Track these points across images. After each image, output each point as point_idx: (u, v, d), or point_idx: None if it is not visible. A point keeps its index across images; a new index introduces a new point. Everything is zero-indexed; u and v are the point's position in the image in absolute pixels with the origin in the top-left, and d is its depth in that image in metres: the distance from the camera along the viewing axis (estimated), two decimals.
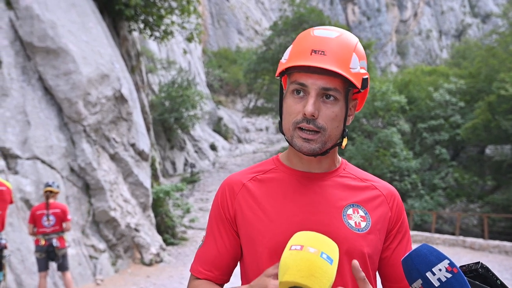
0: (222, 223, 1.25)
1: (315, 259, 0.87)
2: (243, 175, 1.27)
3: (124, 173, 10.04)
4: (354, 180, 1.26)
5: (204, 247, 1.27)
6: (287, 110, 1.16)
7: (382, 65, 76.26)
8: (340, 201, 1.19)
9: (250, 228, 1.19)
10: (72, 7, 9.61)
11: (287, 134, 1.17)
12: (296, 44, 1.17)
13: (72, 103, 8.66)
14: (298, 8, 35.34)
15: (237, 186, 1.25)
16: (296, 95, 1.14)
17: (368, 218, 1.19)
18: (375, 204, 1.22)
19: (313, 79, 1.11)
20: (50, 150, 8.15)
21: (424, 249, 0.98)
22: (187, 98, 23.95)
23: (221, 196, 1.26)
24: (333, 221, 1.16)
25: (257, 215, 1.19)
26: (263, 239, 1.16)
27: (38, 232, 6.07)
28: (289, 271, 0.86)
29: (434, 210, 25.74)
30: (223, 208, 1.25)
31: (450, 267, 0.95)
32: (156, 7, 13.65)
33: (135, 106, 10.83)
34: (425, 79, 35.09)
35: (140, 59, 15.14)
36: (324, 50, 1.11)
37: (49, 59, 8.58)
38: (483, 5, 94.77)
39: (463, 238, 15.99)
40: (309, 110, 1.10)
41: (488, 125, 26.67)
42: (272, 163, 1.29)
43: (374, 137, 28.99)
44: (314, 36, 1.15)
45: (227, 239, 1.24)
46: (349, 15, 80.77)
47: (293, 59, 1.14)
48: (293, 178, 1.22)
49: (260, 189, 1.23)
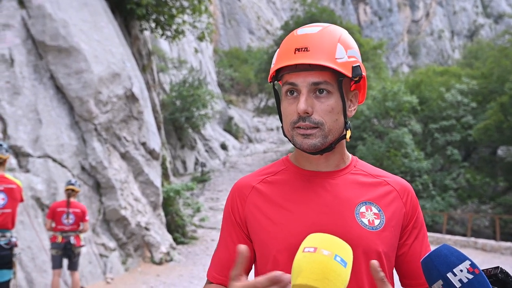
0: (233, 227, 1.24)
1: (329, 261, 0.85)
2: (253, 177, 1.26)
3: (135, 172, 10.05)
4: (365, 176, 1.23)
5: (218, 252, 1.27)
6: (284, 112, 1.17)
7: (394, 65, 75.80)
8: (352, 199, 1.17)
9: (262, 231, 1.17)
10: (84, 6, 9.64)
11: (287, 135, 1.17)
12: (281, 47, 1.18)
13: (83, 102, 8.69)
14: (310, 8, 35.27)
15: (247, 189, 1.24)
16: (289, 96, 1.15)
17: (382, 215, 1.17)
18: (388, 200, 1.20)
19: (302, 76, 1.12)
20: (61, 149, 8.18)
21: (445, 249, 0.96)
22: (198, 97, 23.99)
23: (231, 200, 1.26)
24: (347, 220, 1.13)
25: (269, 217, 1.17)
26: (276, 242, 1.13)
27: (56, 229, 6.14)
28: (302, 273, 0.84)
29: (445, 211, 25.59)
30: (233, 212, 1.24)
31: (472, 268, 0.93)
32: (167, 6, 13.65)
33: (146, 105, 10.84)
34: (437, 80, 34.91)
35: (151, 58, 15.16)
36: (306, 47, 1.11)
37: (60, 57, 8.61)
38: (496, 5, 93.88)
39: (475, 240, 15.90)
40: (301, 107, 1.09)
41: (500, 126, 26.51)
42: (282, 164, 1.28)
43: (385, 138, 28.87)
44: (296, 36, 1.15)
45: (238, 244, 1.17)
46: (361, 15, 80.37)
47: (279, 61, 1.15)
48: (303, 178, 1.20)
49: (270, 191, 1.21)
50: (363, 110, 31.35)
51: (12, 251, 4.90)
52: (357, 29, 38.99)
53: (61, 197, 7.61)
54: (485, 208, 27.55)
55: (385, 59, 55.59)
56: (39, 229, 6.98)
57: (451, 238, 16.81)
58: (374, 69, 38.42)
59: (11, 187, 4.88)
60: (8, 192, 4.84)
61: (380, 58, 38.25)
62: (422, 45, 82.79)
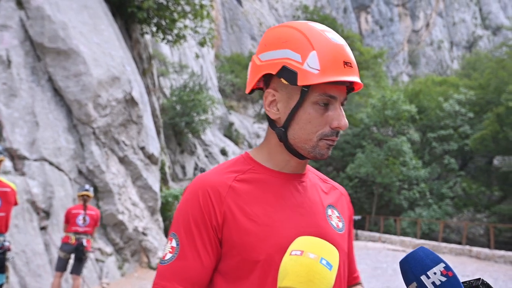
0: (206, 231, 1.08)
1: (315, 264, 0.86)
2: (222, 175, 1.14)
3: (133, 176, 9.96)
4: (320, 180, 1.27)
5: (182, 261, 1.08)
6: (309, 121, 1.10)
7: (394, 74, 76.03)
8: (320, 202, 1.19)
9: (245, 234, 1.08)
10: (84, 8, 9.59)
11: (306, 143, 1.11)
12: (322, 52, 1.07)
13: (81, 105, 8.60)
14: (312, 16, 35.40)
15: (223, 188, 1.10)
16: (322, 106, 1.09)
17: (341, 219, 1.23)
18: (342, 204, 1.27)
19: (340, 90, 1.10)
20: (58, 152, 8.08)
21: (421, 252, 0.98)
22: (198, 102, 23.90)
23: (203, 200, 1.10)
24: (322, 222, 1.15)
25: (252, 219, 1.08)
26: (265, 246, 1.07)
27: (69, 229, 6.16)
28: (288, 276, 0.86)
29: (441, 219, 25.76)
30: (207, 213, 1.09)
31: (445, 270, 0.95)
32: (169, 10, 13.61)
33: (146, 109, 10.77)
34: (436, 89, 35.32)
35: (152, 62, 15.11)
36: (350, 62, 1.09)
37: (59, 60, 8.53)
38: (494, 17, 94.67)
39: (470, 248, 16.10)
40: (345, 123, 1.10)
41: (496, 136, 26.89)
42: (246, 163, 1.18)
43: (384, 146, 29.00)
44: (335, 44, 1.09)
45: (211, 251, 1.09)
46: (362, 24, 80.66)
47: (329, 72, 1.06)
48: (277, 180, 1.16)
49: (249, 191, 1.12)
50: (362, 118, 31.41)
51: (5, 255, 4.81)
52: (358, 38, 39.13)
53: (57, 201, 7.52)
54: (480, 216, 27.79)
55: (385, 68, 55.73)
56: (33, 233, 6.87)
57: (447, 246, 17.01)
58: (374, 78, 38.51)
59: (5, 190, 4.80)
60: (2, 195, 4.76)
61: (380, 67, 38.38)
62: (422, 55, 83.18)
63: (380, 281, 9.94)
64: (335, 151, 33.11)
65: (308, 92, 1.08)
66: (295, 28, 1.11)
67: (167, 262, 1.08)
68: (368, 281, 9.94)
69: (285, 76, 1.07)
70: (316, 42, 1.07)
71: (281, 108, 1.13)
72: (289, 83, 1.07)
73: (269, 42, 1.13)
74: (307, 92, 1.08)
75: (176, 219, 1.12)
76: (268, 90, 1.14)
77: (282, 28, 1.13)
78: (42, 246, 6.79)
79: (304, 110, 1.09)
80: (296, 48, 1.07)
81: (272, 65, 1.10)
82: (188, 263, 1.07)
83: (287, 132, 1.12)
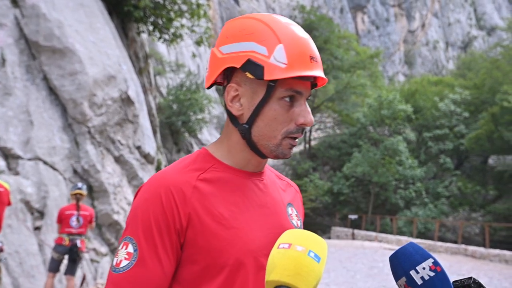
0: (168, 234, 1.00)
1: (302, 257, 0.86)
2: (184, 174, 1.06)
3: (129, 176, 9.89)
4: (277, 178, 1.25)
5: (141, 268, 0.98)
6: (274, 117, 1.05)
7: (390, 74, 76.21)
8: (281, 200, 1.17)
9: (213, 238, 1.01)
10: (80, 7, 9.51)
11: (270, 141, 1.06)
12: (289, 46, 1.03)
13: (77, 104, 8.53)
14: (309, 16, 35.34)
15: (187, 188, 1.03)
16: (287, 102, 1.05)
17: (299, 217, 1.21)
18: (297, 202, 1.25)
19: (306, 86, 1.07)
20: (53, 151, 8.01)
21: (410, 247, 0.99)
22: (195, 101, 23.83)
23: (166, 200, 1.00)
24: (285, 223, 1.13)
25: (219, 222, 1.02)
26: (232, 250, 1.02)
27: (62, 231, 6.11)
28: (275, 270, 0.85)
29: (437, 218, 25.90)
30: (170, 215, 1.00)
31: (434, 265, 0.96)
32: (165, 9, 13.53)
33: (142, 109, 10.70)
34: (431, 89, 35.56)
35: (148, 61, 15.03)
36: (316, 56, 1.06)
37: (54, 58, 8.46)
38: (489, 18, 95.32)
39: (465, 247, 16.28)
40: (311, 119, 1.07)
41: (491, 136, 27.14)
42: (206, 160, 1.11)
43: (380, 145, 29.09)
44: (301, 38, 1.05)
45: (172, 256, 1.01)
46: (359, 24, 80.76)
47: (296, 66, 1.02)
48: (240, 179, 1.11)
49: (214, 191, 1.06)
50: (359, 117, 31.47)
51: None
52: (354, 38, 39.13)
53: (51, 200, 7.44)
54: (475, 216, 27.99)
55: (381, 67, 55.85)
56: (27, 233, 6.80)
57: (443, 245, 17.15)
58: (371, 78, 38.54)
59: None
60: None
61: (376, 67, 38.43)
62: (418, 55, 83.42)
63: (376, 280, 9.92)
64: (331, 151, 33.12)
65: (275, 87, 1.04)
66: (259, 20, 1.06)
67: (122, 270, 0.98)
68: (364, 280, 9.93)
69: (250, 70, 1.02)
70: (282, 35, 1.03)
71: (244, 103, 1.07)
72: (255, 77, 1.02)
73: (232, 34, 1.07)
74: (273, 87, 1.03)
75: (133, 221, 1.02)
76: (231, 84, 1.08)
77: (245, 20, 1.08)
78: (36, 246, 6.72)
79: (270, 106, 1.05)
80: (262, 41, 1.02)
81: (235, 58, 1.04)
82: (148, 271, 0.98)
83: (250, 129, 1.07)
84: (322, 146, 34.22)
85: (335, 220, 28.66)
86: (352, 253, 15.15)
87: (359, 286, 9.27)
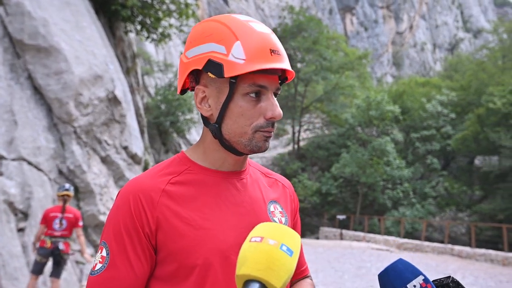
0: (138, 239, 1.03)
1: (274, 251, 0.84)
2: (155, 178, 1.09)
3: (115, 176, 9.80)
4: (262, 175, 1.26)
5: (112, 271, 1.02)
6: (241, 113, 1.07)
7: (378, 75, 76.71)
8: (261, 198, 1.18)
9: (181, 239, 1.04)
10: (66, 5, 9.40)
11: (242, 137, 1.08)
12: (247, 41, 1.05)
13: (62, 104, 8.42)
14: (298, 16, 35.36)
15: (155, 193, 1.06)
16: (253, 97, 1.07)
17: (285, 214, 1.21)
18: (285, 198, 1.25)
19: (271, 79, 1.08)
20: (37, 151, 7.90)
21: (400, 264, 0.99)
22: (183, 101, 23.73)
23: (134, 206, 1.04)
24: (263, 220, 1.12)
25: (188, 223, 1.05)
26: (203, 250, 1.04)
27: (46, 233, 6.02)
28: (246, 263, 0.83)
29: (424, 218, 26.12)
30: (139, 220, 1.03)
31: (425, 283, 0.96)
32: (153, 9, 13.45)
33: (129, 109, 10.61)
34: (419, 90, 35.89)
35: (136, 61, 14.92)
36: (278, 49, 1.07)
37: (39, 57, 8.34)
38: (475, 21, 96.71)
39: (451, 246, 16.49)
40: (279, 113, 1.07)
41: (477, 137, 27.48)
42: (182, 163, 1.14)
43: (368, 146, 29.24)
44: (260, 33, 1.07)
45: (144, 259, 1.04)
46: (348, 25, 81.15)
47: (256, 60, 1.03)
48: (215, 179, 1.13)
49: (184, 194, 1.08)
50: (347, 118, 31.61)
51: None
52: (343, 39, 39.25)
53: (36, 201, 7.34)
54: (462, 215, 28.28)
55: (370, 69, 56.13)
56: (11, 235, 6.69)
57: (430, 245, 17.33)
58: (359, 79, 38.73)
59: None
60: None
61: (365, 68, 38.61)
62: (406, 56, 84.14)
63: (364, 280, 9.94)
64: (320, 151, 33.21)
65: (237, 83, 1.06)
66: (218, 21, 1.09)
67: (97, 272, 1.03)
68: (352, 280, 9.94)
69: (211, 70, 1.05)
70: (239, 32, 1.06)
71: (212, 104, 1.10)
72: (216, 76, 1.04)
73: (194, 38, 1.11)
74: (235, 83, 1.05)
75: (107, 226, 1.07)
76: (198, 87, 1.11)
77: (206, 23, 1.11)
78: (20, 248, 6.61)
79: (235, 103, 1.07)
80: (220, 40, 1.05)
81: (198, 61, 1.07)
82: (119, 273, 1.02)
83: (221, 127, 1.09)
84: (310, 147, 34.28)
85: (324, 220, 28.72)
86: (340, 253, 15.19)
87: (347, 286, 9.28)
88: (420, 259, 14.49)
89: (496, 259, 14.26)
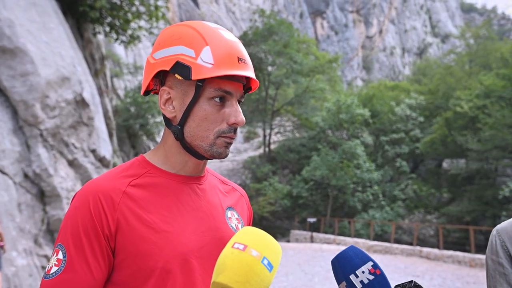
0: (97, 240, 1.01)
1: (255, 264, 0.83)
2: (115, 180, 1.08)
3: (83, 180, 9.63)
4: (219, 182, 1.27)
5: (69, 274, 0.99)
6: (205, 117, 1.09)
7: (348, 78, 77.78)
8: (220, 204, 1.19)
9: (143, 241, 1.03)
10: (32, 6, 9.21)
11: (203, 141, 1.09)
12: (216, 47, 1.07)
13: (28, 106, 8.24)
14: (269, 20, 35.53)
15: (116, 194, 1.05)
16: (218, 102, 1.09)
17: (241, 220, 1.23)
18: (241, 206, 1.28)
19: (236, 86, 1.10)
20: (2, 155, 7.70)
21: (350, 251, 1.00)
22: (153, 104, 23.51)
23: (93, 207, 1.02)
24: (221, 225, 1.15)
25: (149, 226, 1.04)
26: (163, 253, 1.03)
27: None
28: (225, 272, 0.82)
29: (394, 220, 26.49)
30: (98, 221, 1.02)
31: (373, 268, 0.97)
32: (123, 10, 13.30)
33: (97, 111, 10.46)
34: (388, 94, 36.42)
35: (104, 63, 14.72)
36: (245, 58, 1.10)
37: (5, 58, 8.15)
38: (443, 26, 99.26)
39: (420, 248, 16.76)
40: (242, 119, 1.09)
41: (445, 140, 28.03)
42: (141, 166, 1.14)
43: (339, 149, 29.53)
44: (229, 40, 1.10)
45: (102, 262, 1.02)
46: (318, 29, 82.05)
47: (223, 66, 1.06)
48: (175, 183, 1.13)
49: (145, 197, 1.08)
50: (318, 121, 31.90)
51: None
52: (314, 43, 39.62)
53: (0, 206, 7.17)
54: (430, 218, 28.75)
55: (340, 72, 56.84)
56: None
57: (399, 247, 17.57)
58: (330, 82, 39.15)
59: None
60: None
61: (335, 72, 39.01)
62: (375, 60, 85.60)
63: (334, 283, 10.05)
64: (291, 154, 33.42)
65: (203, 87, 1.08)
66: (189, 26, 1.11)
67: (52, 276, 1.00)
68: (322, 283, 10.04)
69: (179, 71, 1.06)
70: (209, 38, 1.08)
71: (176, 105, 1.11)
72: (183, 78, 1.06)
73: (163, 40, 1.12)
74: (201, 87, 1.07)
75: (63, 228, 1.04)
76: (163, 88, 1.12)
77: (176, 27, 1.13)
78: None
79: (200, 106, 1.08)
80: (190, 44, 1.07)
81: (166, 62, 1.08)
82: (77, 276, 0.99)
83: (183, 129, 1.10)
84: (281, 150, 34.42)
85: (294, 223, 28.86)
86: (310, 256, 15.30)
87: None
88: (389, 261, 14.72)
89: (464, 260, 14.50)
